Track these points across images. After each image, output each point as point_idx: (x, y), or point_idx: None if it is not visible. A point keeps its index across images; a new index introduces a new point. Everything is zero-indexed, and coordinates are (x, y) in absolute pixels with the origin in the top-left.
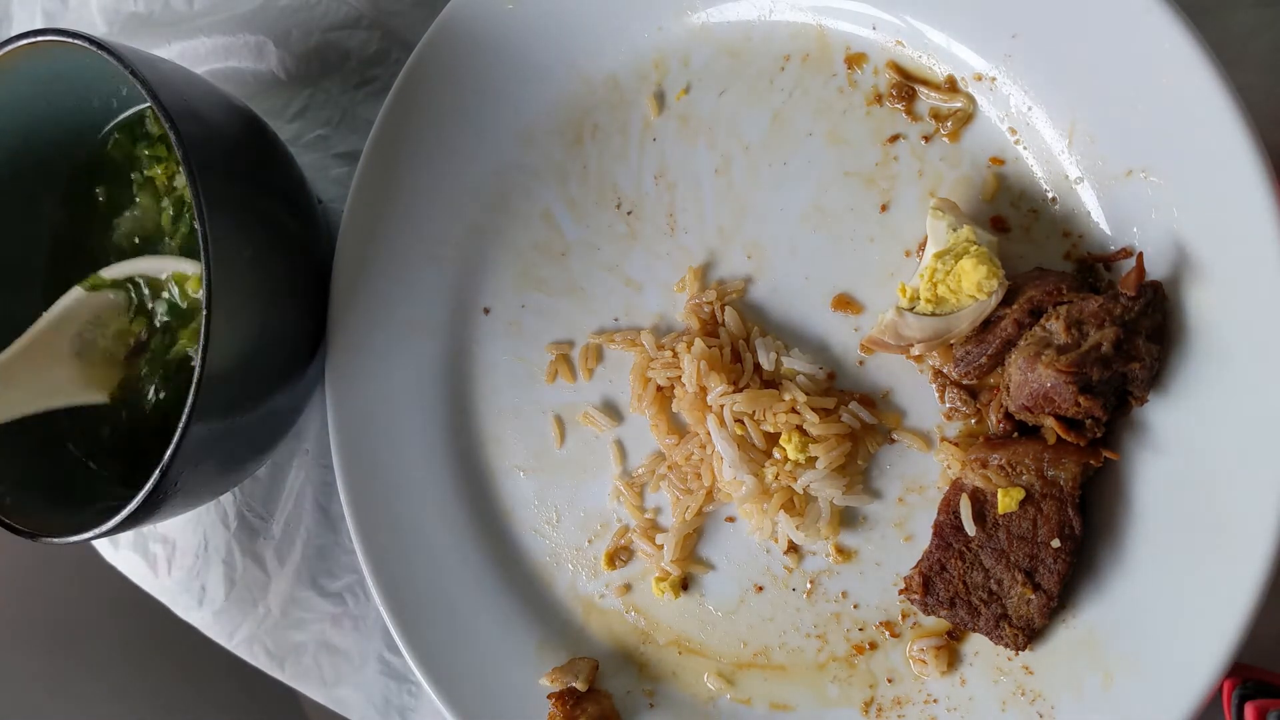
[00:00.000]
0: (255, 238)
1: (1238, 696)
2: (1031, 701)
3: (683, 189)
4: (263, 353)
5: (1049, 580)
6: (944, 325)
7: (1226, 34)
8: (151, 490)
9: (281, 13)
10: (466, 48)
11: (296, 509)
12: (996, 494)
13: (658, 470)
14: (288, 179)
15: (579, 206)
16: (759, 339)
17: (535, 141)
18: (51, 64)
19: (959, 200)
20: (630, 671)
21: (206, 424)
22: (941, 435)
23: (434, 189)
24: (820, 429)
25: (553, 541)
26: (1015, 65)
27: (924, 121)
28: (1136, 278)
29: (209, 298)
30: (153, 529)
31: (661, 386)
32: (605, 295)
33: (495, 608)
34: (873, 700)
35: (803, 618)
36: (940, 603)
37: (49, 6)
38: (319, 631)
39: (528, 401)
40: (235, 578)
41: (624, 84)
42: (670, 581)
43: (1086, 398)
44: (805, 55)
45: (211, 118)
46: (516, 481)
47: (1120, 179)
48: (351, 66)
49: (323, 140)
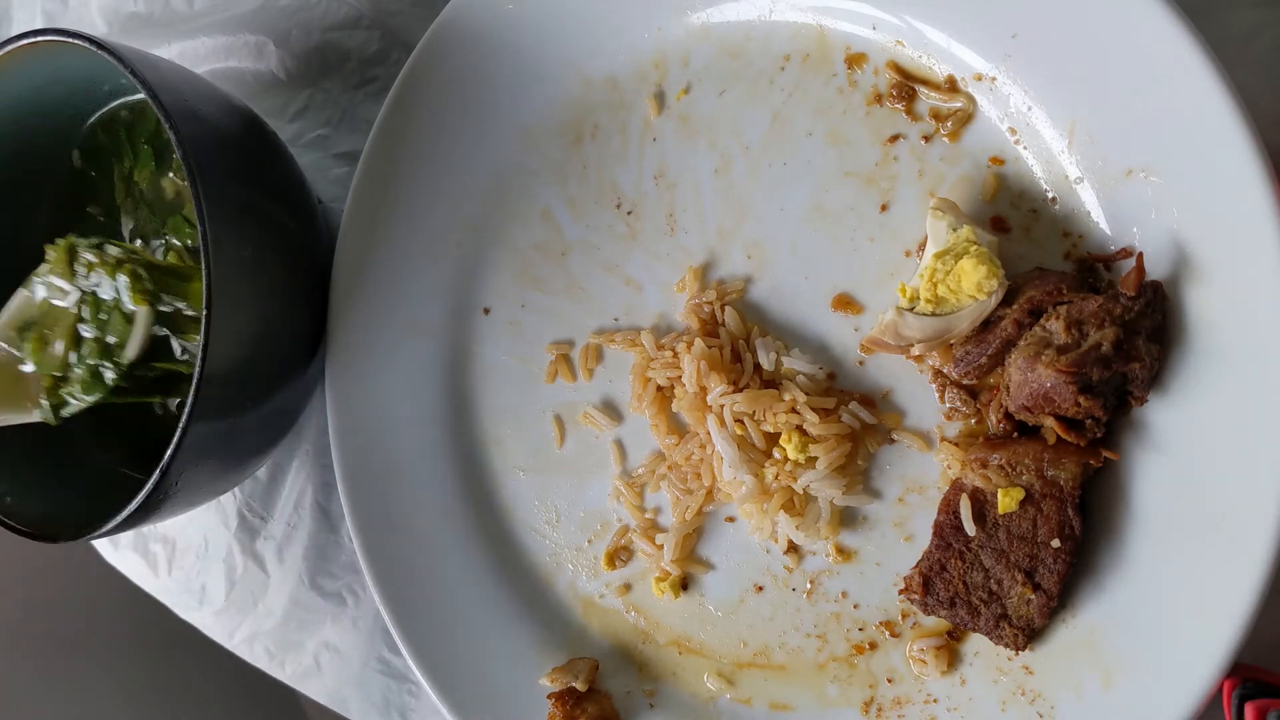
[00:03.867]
0: (255, 238)
1: (1238, 696)
2: (1031, 701)
3: (683, 189)
4: (263, 353)
5: (1049, 580)
6: (944, 325)
7: (1226, 34)
8: (151, 490)
9: (281, 13)
10: (466, 48)
11: (296, 509)
12: (996, 494)
13: (658, 470)
14: (288, 179)
15: (579, 206)
16: (759, 339)
17: (535, 141)
18: (52, 64)
19: (959, 200)
20: (630, 671)
21: (206, 424)
22: (941, 435)
23: (434, 189)
24: (820, 429)
25: (553, 541)
26: (1015, 65)
27: (924, 121)
28: (1136, 278)
29: (209, 298)
30: (153, 529)
31: (661, 386)
32: (605, 295)
33: (495, 608)
34: (873, 700)
35: (803, 618)
36: (940, 603)
37: (49, 6)
38: (319, 631)
39: (528, 401)
40: (235, 578)
41: (624, 84)
42: (670, 581)
43: (1086, 398)
44: (805, 55)
45: (211, 118)
46: (516, 481)
47: (1120, 179)
48: (351, 66)
49: (323, 140)
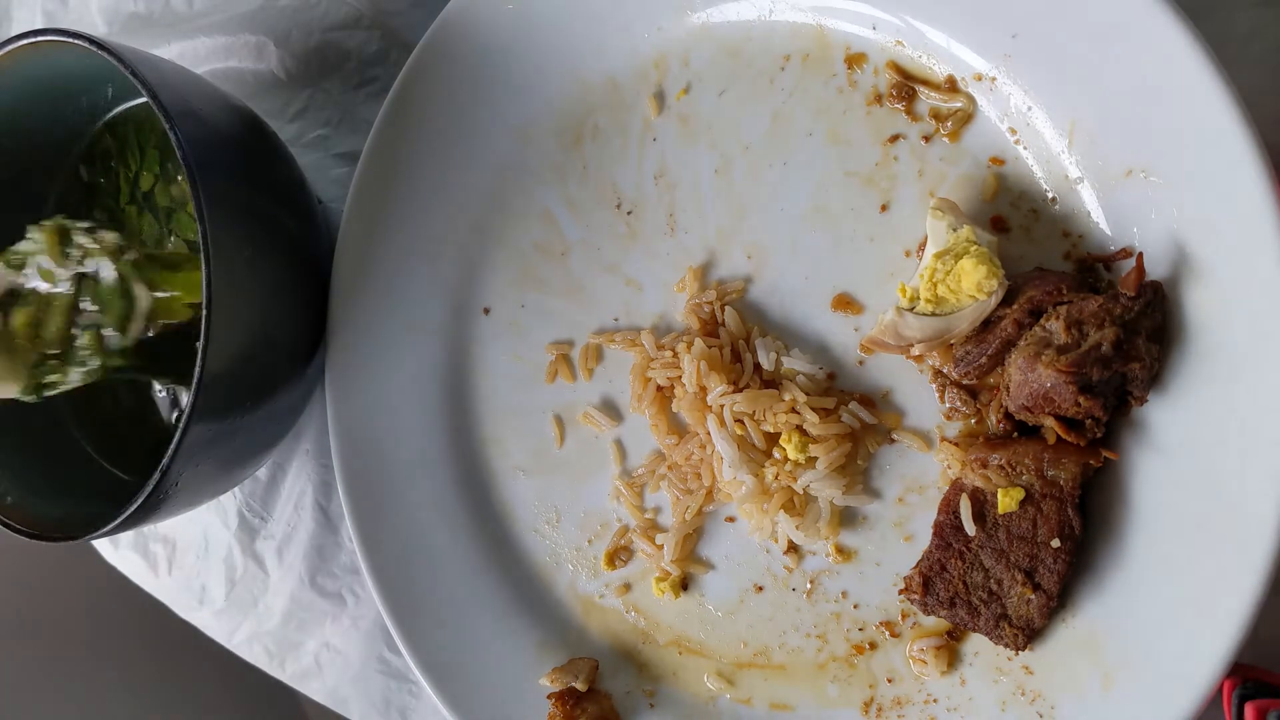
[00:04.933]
0: (255, 238)
1: (1238, 696)
2: (1031, 701)
3: (683, 189)
4: (263, 353)
5: (1049, 580)
6: (944, 325)
7: (1226, 34)
8: (151, 490)
9: (281, 13)
10: (466, 48)
11: (296, 509)
12: (996, 494)
13: (658, 470)
14: (288, 179)
15: (579, 206)
16: (759, 339)
17: (535, 142)
18: (52, 64)
19: (959, 200)
20: (630, 671)
21: (206, 424)
22: (941, 435)
23: (434, 189)
24: (820, 429)
25: (553, 541)
26: (1015, 65)
27: (924, 121)
28: (1136, 278)
29: (209, 298)
30: (153, 529)
31: (661, 386)
32: (605, 295)
33: (495, 608)
34: (873, 700)
35: (803, 618)
36: (940, 603)
37: (49, 6)
38: (319, 631)
39: (528, 401)
40: (235, 578)
41: (624, 84)
42: (670, 581)
43: (1086, 398)
44: (805, 55)
45: (211, 118)
46: (516, 481)
47: (1120, 179)
48: (351, 66)
49: (323, 140)
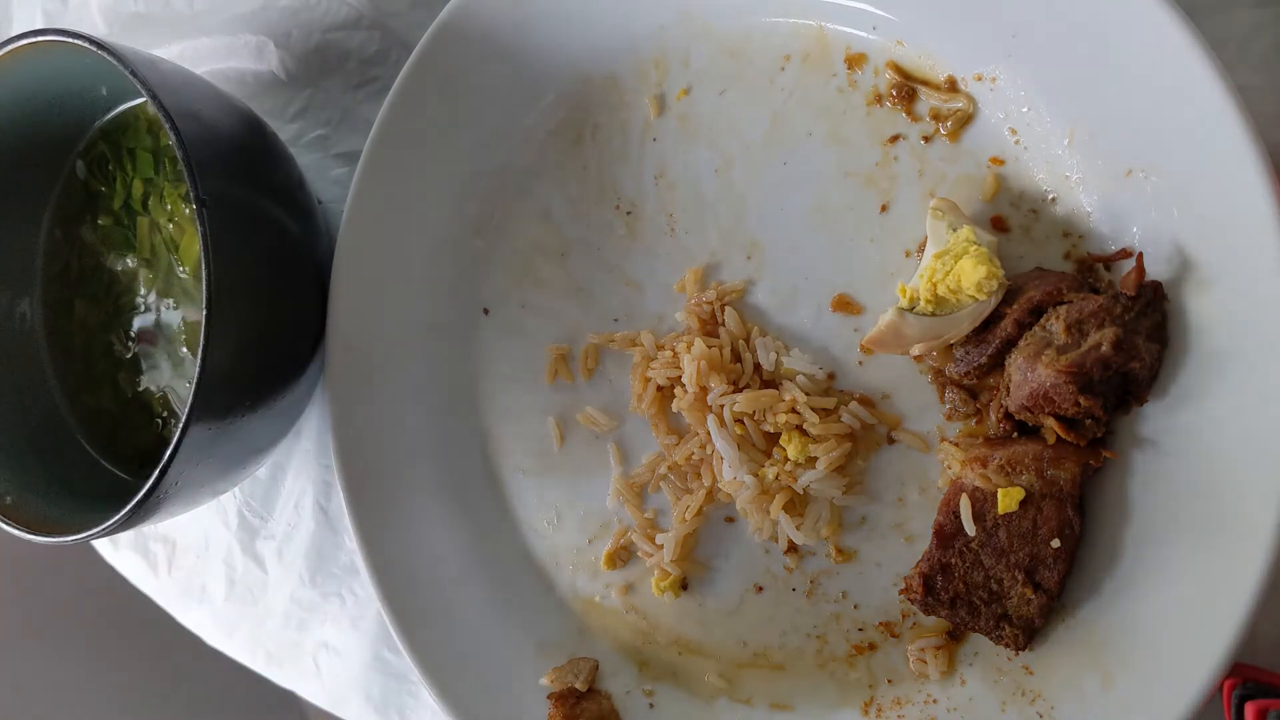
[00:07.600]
0: (255, 238)
1: (1238, 696)
2: (1031, 701)
3: (683, 189)
4: (263, 353)
5: (1049, 580)
6: (944, 325)
7: (1226, 34)
8: (151, 490)
9: (281, 13)
10: (466, 48)
11: (296, 509)
12: (996, 494)
13: (658, 470)
14: (288, 179)
15: (579, 206)
16: (759, 339)
17: (535, 141)
18: (52, 64)
19: (959, 200)
20: (630, 671)
21: (206, 424)
22: (941, 435)
23: (434, 189)
24: (820, 429)
25: (553, 542)
26: (1015, 65)
27: (924, 121)
28: (1136, 278)
29: (209, 298)
30: (153, 529)
31: (661, 386)
32: (605, 295)
33: (495, 608)
34: (873, 700)
35: (803, 618)
36: (940, 603)
37: (49, 6)
38: (318, 631)
39: (528, 402)
40: (235, 577)
41: (624, 84)
42: (670, 581)
43: (1086, 398)
44: (805, 55)
45: (211, 118)
46: (516, 482)
47: (1120, 179)
48: (351, 66)
49: (323, 140)
